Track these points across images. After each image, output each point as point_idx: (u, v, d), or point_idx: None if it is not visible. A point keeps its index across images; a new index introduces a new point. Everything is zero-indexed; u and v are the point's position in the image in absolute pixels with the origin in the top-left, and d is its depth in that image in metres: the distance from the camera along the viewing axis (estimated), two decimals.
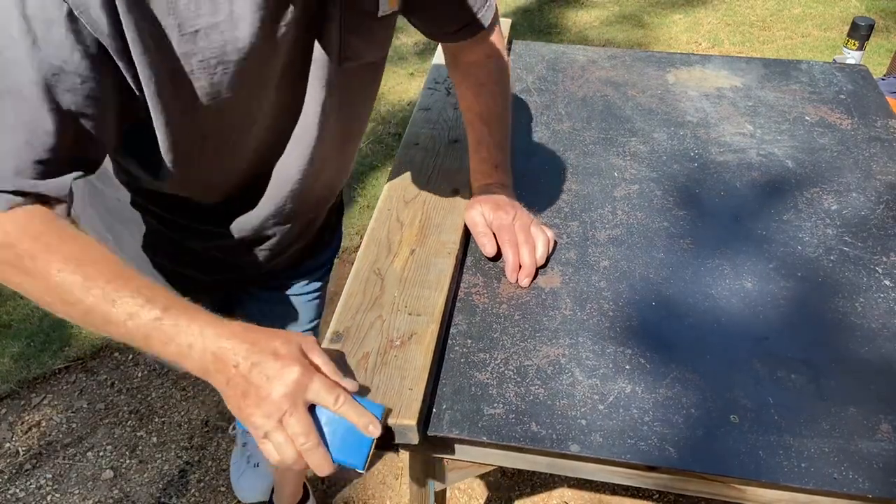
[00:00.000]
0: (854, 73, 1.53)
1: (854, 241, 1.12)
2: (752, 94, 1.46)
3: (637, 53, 1.61)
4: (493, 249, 1.06)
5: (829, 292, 1.03)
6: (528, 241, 1.05)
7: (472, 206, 1.10)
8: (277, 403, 0.69)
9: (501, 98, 1.14)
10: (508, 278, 1.04)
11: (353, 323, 0.95)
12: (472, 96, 1.13)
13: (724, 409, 0.88)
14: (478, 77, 1.12)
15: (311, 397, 0.72)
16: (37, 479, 1.82)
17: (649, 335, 0.97)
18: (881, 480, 0.81)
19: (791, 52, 3.49)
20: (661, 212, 1.17)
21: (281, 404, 0.70)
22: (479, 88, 1.12)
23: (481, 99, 1.12)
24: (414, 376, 0.88)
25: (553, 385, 0.90)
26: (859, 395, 0.90)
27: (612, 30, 3.68)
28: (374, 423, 0.74)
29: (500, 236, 1.06)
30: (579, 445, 0.84)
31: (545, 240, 1.06)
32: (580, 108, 1.41)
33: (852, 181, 1.24)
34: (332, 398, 0.72)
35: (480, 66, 1.12)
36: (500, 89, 1.14)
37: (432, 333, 0.94)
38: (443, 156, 1.25)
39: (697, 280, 1.05)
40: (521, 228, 1.06)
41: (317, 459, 0.71)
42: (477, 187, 1.13)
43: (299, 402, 0.71)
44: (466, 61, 1.12)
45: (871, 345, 0.96)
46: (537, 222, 1.09)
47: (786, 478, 0.81)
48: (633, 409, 0.88)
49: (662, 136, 1.34)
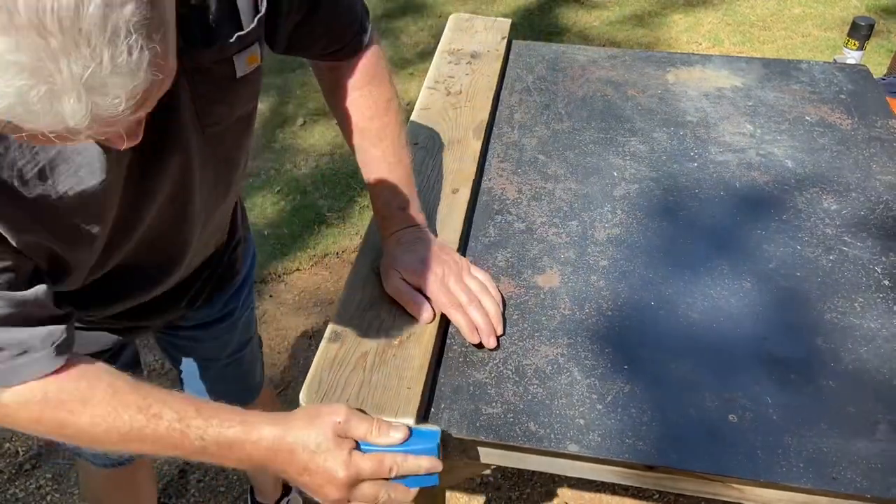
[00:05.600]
0: (854, 73, 1.53)
1: (854, 241, 1.12)
2: (752, 93, 1.46)
3: (637, 53, 1.61)
4: (430, 315, 0.94)
5: (829, 292, 1.03)
6: (472, 301, 0.95)
7: (389, 274, 0.98)
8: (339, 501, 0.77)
9: (394, 129, 1.02)
10: (470, 341, 0.94)
11: (352, 322, 0.95)
12: (362, 130, 1.00)
13: (723, 409, 0.88)
14: (364, 109, 1.00)
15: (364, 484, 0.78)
16: (37, 479, 1.82)
17: (648, 335, 0.97)
18: (880, 480, 0.81)
19: (791, 52, 3.49)
20: (661, 211, 1.17)
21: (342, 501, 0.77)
22: (367, 122, 1.00)
23: (372, 133, 1.00)
24: (412, 375, 0.88)
25: (551, 384, 0.90)
26: (858, 395, 0.90)
27: (612, 30, 3.68)
28: (432, 464, 0.79)
29: (436, 301, 0.95)
30: (578, 445, 0.84)
31: (488, 295, 0.96)
32: (580, 108, 1.41)
33: (852, 181, 1.23)
34: (384, 474, 0.77)
35: (365, 96, 1.00)
36: (391, 119, 1.02)
37: (431, 333, 0.94)
38: (443, 156, 1.25)
39: (697, 280, 1.05)
40: (457, 283, 0.96)
41: (397, 499, 0.79)
42: (387, 239, 1.01)
43: (356, 490, 0.77)
44: (348, 89, 0.99)
45: (870, 345, 0.96)
46: (468, 265, 0.99)
47: (785, 477, 0.81)
48: (632, 408, 0.88)
49: (662, 136, 1.34)
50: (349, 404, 0.81)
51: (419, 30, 3.59)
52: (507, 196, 1.20)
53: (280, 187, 2.67)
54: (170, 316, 1.09)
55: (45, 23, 0.44)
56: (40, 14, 0.44)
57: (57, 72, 0.46)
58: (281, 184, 2.69)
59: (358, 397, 0.86)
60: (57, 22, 0.44)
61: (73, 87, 0.47)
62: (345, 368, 0.89)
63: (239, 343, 1.30)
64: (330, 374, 0.89)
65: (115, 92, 0.49)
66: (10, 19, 0.44)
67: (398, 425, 0.79)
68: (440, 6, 3.81)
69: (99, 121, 0.50)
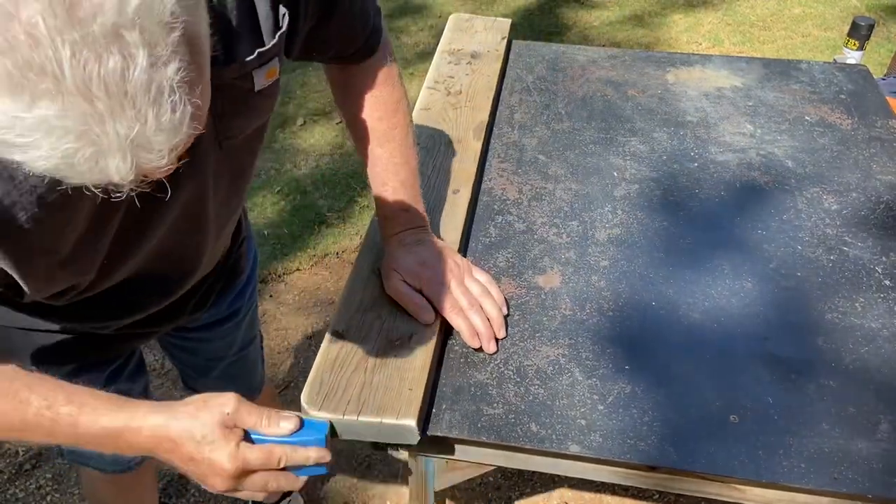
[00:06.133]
0: (854, 73, 1.53)
1: (854, 241, 1.12)
2: (752, 93, 1.46)
3: (637, 53, 1.61)
4: (431, 317, 0.94)
5: (829, 292, 1.03)
6: (472, 305, 0.95)
7: (390, 275, 0.98)
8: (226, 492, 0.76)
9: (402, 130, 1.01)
10: (470, 345, 0.94)
11: (352, 323, 0.95)
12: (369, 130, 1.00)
13: (724, 409, 0.88)
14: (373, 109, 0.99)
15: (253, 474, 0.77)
16: (37, 479, 1.82)
17: (649, 335, 0.97)
18: (881, 480, 0.81)
19: (791, 52, 3.49)
20: (661, 211, 1.17)
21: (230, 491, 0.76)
22: (376, 122, 1.00)
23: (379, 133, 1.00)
24: (413, 376, 0.88)
25: (553, 385, 0.90)
26: (859, 395, 0.90)
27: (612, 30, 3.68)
28: (320, 454, 0.78)
29: (438, 305, 0.95)
30: (579, 445, 0.84)
31: (490, 298, 0.96)
32: (580, 108, 1.41)
33: (852, 181, 1.24)
34: (273, 465, 0.76)
35: (375, 97, 0.99)
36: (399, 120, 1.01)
37: (432, 333, 0.94)
38: (443, 156, 1.25)
39: (697, 280, 1.05)
40: (458, 286, 0.96)
41: (286, 488, 0.78)
42: (389, 240, 1.00)
43: (244, 480, 0.76)
44: (361, 94, 0.99)
45: (871, 345, 0.96)
46: (470, 267, 0.99)
47: (786, 478, 0.81)
48: (633, 408, 0.88)
49: (662, 136, 1.34)
50: (240, 396, 0.79)
51: (419, 30, 3.59)
52: (508, 196, 1.20)
53: (280, 187, 2.67)
54: (178, 321, 1.09)
55: (91, 88, 0.44)
56: (87, 80, 0.44)
57: (103, 134, 0.46)
58: (281, 184, 2.69)
59: (359, 398, 0.86)
60: (103, 87, 0.45)
61: (118, 148, 0.47)
62: (346, 369, 0.89)
63: (243, 341, 1.30)
64: (331, 376, 0.89)
65: (158, 148, 0.49)
66: (57, 85, 0.44)
67: (289, 416, 0.78)
68: (440, 6, 3.81)
69: (140, 173, 0.51)
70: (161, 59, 0.46)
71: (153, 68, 0.46)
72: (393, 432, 0.84)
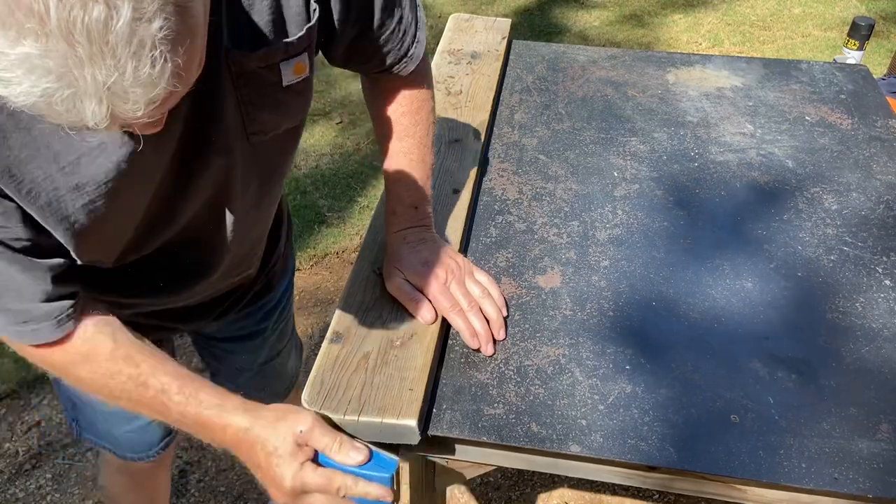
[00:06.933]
0: (854, 73, 1.53)
1: (854, 241, 1.12)
2: (753, 93, 1.46)
3: (637, 53, 1.61)
4: (431, 316, 0.95)
5: (829, 292, 1.03)
6: (472, 306, 0.95)
7: (392, 273, 0.98)
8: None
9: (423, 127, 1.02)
10: (469, 346, 0.94)
11: (353, 323, 0.95)
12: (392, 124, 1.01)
13: (724, 409, 0.88)
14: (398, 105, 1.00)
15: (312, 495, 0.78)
16: (37, 479, 1.82)
17: (650, 335, 0.97)
18: (881, 480, 0.81)
19: (791, 52, 3.49)
20: (661, 212, 1.17)
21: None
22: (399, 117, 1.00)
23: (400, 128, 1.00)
24: (414, 376, 0.88)
25: (553, 385, 0.90)
26: (859, 395, 0.90)
27: (612, 30, 3.68)
28: (382, 493, 0.79)
29: (438, 304, 0.95)
30: (580, 445, 0.84)
31: (490, 299, 0.97)
32: (580, 108, 1.41)
33: (852, 181, 1.24)
34: (332, 492, 0.77)
35: (403, 94, 1.00)
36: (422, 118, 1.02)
37: (432, 333, 0.94)
38: (443, 156, 1.25)
39: (698, 280, 1.05)
40: (459, 287, 0.96)
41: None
42: (392, 236, 1.01)
43: (303, 498, 0.78)
44: (389, 89, 1.00)
45: (871, 345, 0.96)
46: (471, 268, 0.99)
47: (786, 478, 0.81)
48: (634, 409, 0.88)
49: (662, 136, 1.34)
50: (318, 414, 0.81)
51: None
52: (508, 196, 1.20)
53: None
54: (198, 323, 1.12)
55: (73, 32, 0.46)
56: (70, 24, 0.46)
57: (81, 78, 0.48)
58: None
59: (360, 399, 0.86)
60: (86, 33, 0.46)
61: (95, 93, 0.49)
62: (346, 369, 0.89)
63: (268, 355, 1.31)
64: (332, 376, 0.89)
65: (134, 99, 0.51)
66: (42, 26, 0.45)
67: (360, 447, 0.79)
68: (440, 6, 3.81)
69: (116, 122, 0.53)
70: (146, 14, 0.48)
71: (136, 22, 0.47)
72: (393, 432, 0.84)
